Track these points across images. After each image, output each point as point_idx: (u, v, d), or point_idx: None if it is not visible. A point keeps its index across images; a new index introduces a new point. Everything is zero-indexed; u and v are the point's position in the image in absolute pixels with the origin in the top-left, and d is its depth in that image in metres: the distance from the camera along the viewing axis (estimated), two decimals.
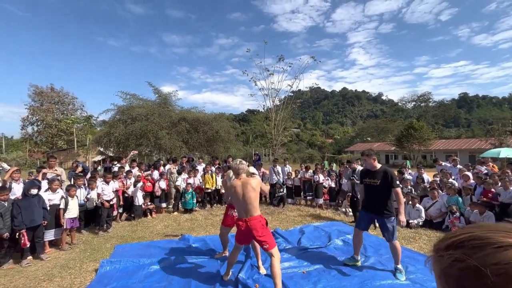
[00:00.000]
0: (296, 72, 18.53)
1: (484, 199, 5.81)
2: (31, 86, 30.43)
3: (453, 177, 7.07)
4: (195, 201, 7.84)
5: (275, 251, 3.16)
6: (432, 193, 6.34)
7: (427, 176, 7.79)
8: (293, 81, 18.67)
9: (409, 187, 7.08)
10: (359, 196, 4.90)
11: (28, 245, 4.31)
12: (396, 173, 8.10)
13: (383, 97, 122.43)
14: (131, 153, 9.27)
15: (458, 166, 7.80)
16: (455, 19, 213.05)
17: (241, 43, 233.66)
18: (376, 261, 4.14)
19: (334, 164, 10.33)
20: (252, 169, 3.94)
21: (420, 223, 6.01)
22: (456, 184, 6.59)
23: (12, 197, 4.66)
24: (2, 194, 4.27)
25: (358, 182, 6.76)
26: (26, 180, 5.77)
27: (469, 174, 6.79)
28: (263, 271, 3.82)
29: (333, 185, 8.32)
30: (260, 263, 3.94)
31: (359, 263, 4.00)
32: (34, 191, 4.56)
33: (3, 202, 4.23)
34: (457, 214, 5.62)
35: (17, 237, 4.24)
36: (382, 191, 3.67)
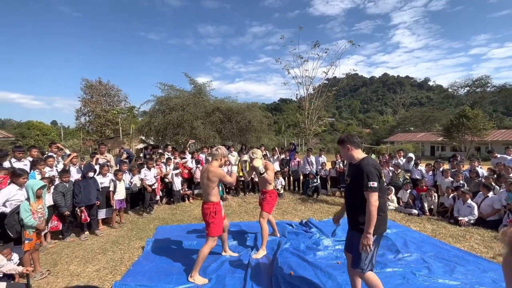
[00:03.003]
0: (332, 58, 17.33)
1: None
2: (83, 80, 33.43)
3: None
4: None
5: (211, 239, 3.35)
6: (483, 188, 5.68)
7: (482, 170, 6.95)
8: (328, 68, 17.61)
9: (461, 181, 6.42)
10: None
11: (88, 220, 4.93)
12: (445, 165, 7.37)
13: (430, 83, 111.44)
14: (190, 142, 9.96)
15: None
16: None
17: (275, 30, 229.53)
18: (418, 257, 3.89)
19: (373, 155, 9.78)
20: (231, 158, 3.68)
21: (472, 221, 5.45)
22: None
23: (72, 180, 5.26)
24: (65, 176, 4.86)
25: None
26: (82, 165, 6.47)
27: None
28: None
29: None
30: (276, 232, 4.69)
31: None
32: (91, 174, 5.18)
33: (65, 184, 4.82)
34: None
35: (77, 213, 4.83)
36: (353, 194, 2.48)
